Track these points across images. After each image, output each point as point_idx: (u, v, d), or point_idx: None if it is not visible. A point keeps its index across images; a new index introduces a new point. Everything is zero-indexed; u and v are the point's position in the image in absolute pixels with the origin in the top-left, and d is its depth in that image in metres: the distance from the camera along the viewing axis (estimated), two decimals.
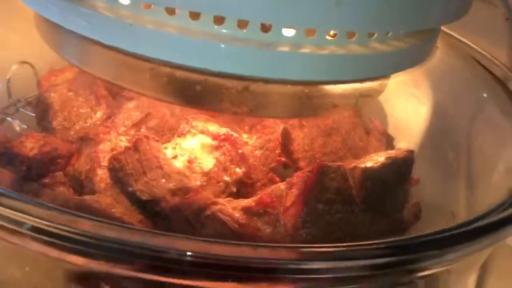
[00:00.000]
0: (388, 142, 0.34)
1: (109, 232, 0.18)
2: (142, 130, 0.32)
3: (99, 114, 0.35)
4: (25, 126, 0.35)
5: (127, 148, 0.27)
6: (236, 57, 0.21)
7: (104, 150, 0.30)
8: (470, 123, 0.38)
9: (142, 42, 0.21)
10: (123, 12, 0.21)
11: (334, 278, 0.18)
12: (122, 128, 0.32)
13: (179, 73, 0.21)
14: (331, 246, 0.18)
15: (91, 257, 0.18)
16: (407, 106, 0.38)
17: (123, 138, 0.31)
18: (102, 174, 0.29)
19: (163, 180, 0.26)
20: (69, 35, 0.24)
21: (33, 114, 0.37)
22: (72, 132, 0.34)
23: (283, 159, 0.32)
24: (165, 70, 0.21)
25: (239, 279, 0.18)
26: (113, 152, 0.28)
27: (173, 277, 0.18)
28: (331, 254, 0.18)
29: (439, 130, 0.39)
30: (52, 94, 0.35)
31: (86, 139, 0.32)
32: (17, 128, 0.34)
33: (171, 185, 0.26)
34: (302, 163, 0.32)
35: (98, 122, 0.35)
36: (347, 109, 0.26)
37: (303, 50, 0.21)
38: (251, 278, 0.18)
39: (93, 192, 0.28)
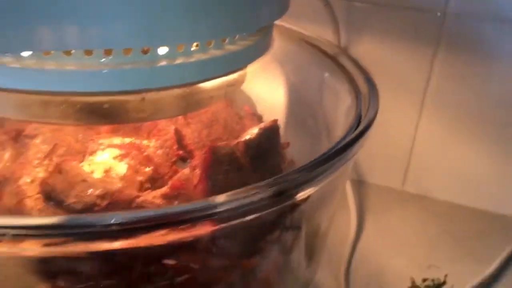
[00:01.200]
0: (259, 120, 0.43)
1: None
2: (54, 159, 0.37)
3: (6, 156, 0.39)
4: None
5: (51, 172, 0.32)
6: (129, 77, 0.27)
7: (26, 183, 0.34)
8: (316, 93, 0.48)
9: (49, 81, 0.26)
10: (27, 61, 0.27)
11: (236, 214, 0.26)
12: (36, 161, 0.36)
13: (87, 99, 0.27)
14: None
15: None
16: (265, 89, 0.46)
17: (39, 169, 0.36)
18: (30, 203, 0.33)
19: (91, 190, 0.31)
20: None
21: None
22: None
23: (181, 152, 0.38)
24: (76, 99, 0.27)
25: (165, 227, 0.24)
26: (38, 180, 0.33)
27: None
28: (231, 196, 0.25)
29: (295, 102, 0.48)
30: None
31: (3, 180, 0.36)
32: None
33: (97, 192, 0.31)
34: (196, 153, 0.39)
35: (8, 164, 0.38)
36: (220, 99, 0.33)
37: (176, 62, 0.28)
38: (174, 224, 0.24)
39: None
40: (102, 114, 0.27)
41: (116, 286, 0.33)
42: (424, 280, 0.53)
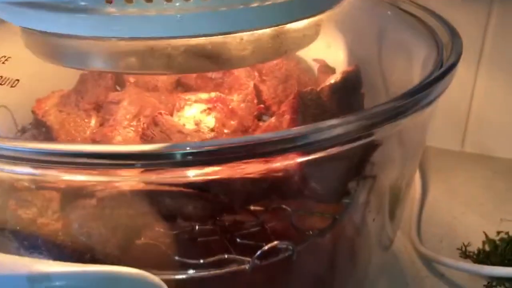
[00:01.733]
0: (332, 71, 0.43)
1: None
2: (142, 119, 0.38)
3: (93, 123, 0.40)
4: None
5: (148, 124, 0.33)
6: (225, 19, 0.28)
7: (119, 142, 0.36)
8: (379, 45, 0.48)
9: (153, 28, 0.27)
10: (130, 10, 0.28)
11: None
12: (125, 122, 0.38)
13: (190, 41, 0.28)
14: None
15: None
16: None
17: (129, 129, 0.37)
18: None
19: (188, 139, 0.32)
20: (70, 41, 0.30)
21: None
22: None
23: (262, 106, 0.39)
24: (179, 42, 0.28)
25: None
26: (128, 139, 0.34)
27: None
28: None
29: (359, 58, 0.48)
30: (49, 118, 0.39)
31: (95, 143, 0.38)
32: None
33: (195, 141, 0.32)
34: (274, 108, 0.40)
35: (94, 130, 0.40)
36: (313, 37, 0.34)
37: (267, 3, 0.29)
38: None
39: None
40: (206, 55, 0.28)
41: (212, 232, 0.34)
42: (498, 233, 0.53)
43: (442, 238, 0.54)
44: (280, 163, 0.27)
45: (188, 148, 0.23)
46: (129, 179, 0.25)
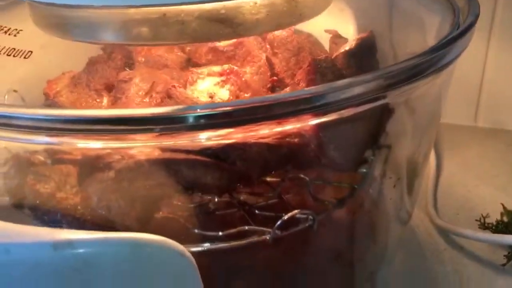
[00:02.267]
0: (344, 41, 0.42)
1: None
2: (154, 95, 0.38)
3: (105, 102, 0.40)
4: None
5: (162, 98, 0.33)
6: None
7: None
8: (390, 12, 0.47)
9: None
10: None
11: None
12: (138, 99, 0.37)
13: (203, 6, 0.27)
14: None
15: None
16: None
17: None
18: None
19: None
20: (78, 14, 0.29)
21: None
22: None
23: (275, 78, 0.39)
24: (192, 8, 0.27)
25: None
26: None
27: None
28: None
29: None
30: (61, 98, 0.39)
31: None
32: None
33: None
34: (287, 80, 0.40)
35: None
36: (326, 5, 0.33)
37: None
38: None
39: None
40: (221, 19, 0.28)
41: (230, 204, 0.33)
42: None
43: (459, 211, 0.54)
44: (295, 125, 0.26)
45: (198, 110, 0.23)
46: (144, 143, 0.24)
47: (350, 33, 0.48)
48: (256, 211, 0.33)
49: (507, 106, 0.68)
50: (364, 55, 0.34)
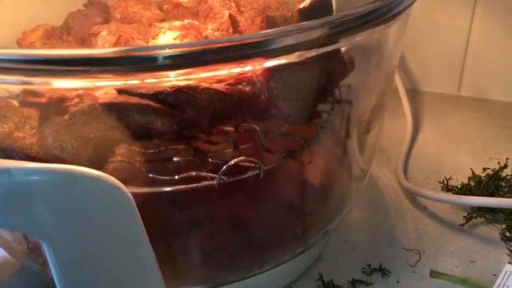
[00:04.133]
0: None
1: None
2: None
3: None
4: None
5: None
6: None
7: None
8: None
9: None
10: None
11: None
12: None
13: None
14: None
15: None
16: None
17: None
18: None
19: None
20: None
21: None
22: None
23: (237, 34, 0.40)
24: None
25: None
26: None
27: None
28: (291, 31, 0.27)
29: None
30: None
31: None
32: None
33: None
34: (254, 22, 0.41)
35: None
36: None
37: None
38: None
39: None
40: None
41: (184, 151, 0.35)
42: (485, 169, 0.53)
43: (429, 175, 0.55)
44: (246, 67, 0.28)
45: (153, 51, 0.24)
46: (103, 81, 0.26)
47: None
48: (209, 160, 0.35)
49: (491, 75, 0.68)
50: (317, 15, 0.35)
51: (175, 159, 0.35)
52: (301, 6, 0.35)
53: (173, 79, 0.27)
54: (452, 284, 0.40)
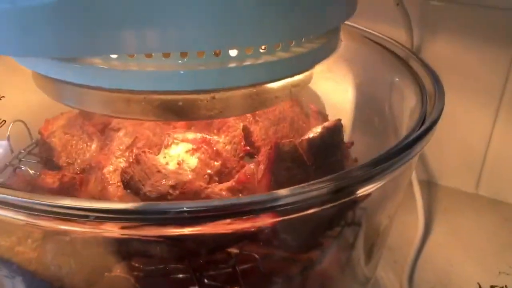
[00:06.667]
0: (324, 119, 0.44)
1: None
2: (134, 150, 0.40)
3: (93, 147, 0.43)
4: (35, 172, 0.42)
5: (131, 163, 0.35)
6: (201, 77, 0.29)
7: (110, 171, 0.38)
8: (384, 92, 0.48)
9: (132, 81, 0.29)
10: (114, 63, 0.30)
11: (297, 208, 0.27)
12: (118, 153, 0.40)
13: (164, 97, 0.30)
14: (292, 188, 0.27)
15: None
16: (332, 87, 0.47)
17: (121, 159, 0.40)
18: (112, 190, 0.37)
19: (164, 180, 0.34)
20: (68, 86, 0.32)
21: (35, 161, 0.45)
22: (76, 166, 0.42)
23: (248, 148, 0.40)
24: (154, 97, 0.30)
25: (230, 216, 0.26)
26: (119, 170, 0.36)
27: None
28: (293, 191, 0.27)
29: (363, 101, 0.49)
30: (53, 139, 0.42)
31: (90, 168, 0.40)
32: (31, 172, 0.41)
33: (170, 182, 0.34)
34: (263, 149, 0.41)
35: (94, 154, 0.43)
36: (285, 99, 0.35)
37: (245, 63, 0.30)
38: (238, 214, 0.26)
39: None
40: (177, 111, 0.30)
41: (183, 270, 0.35)
42: (492, 287, 0.52)
43: (435, 285, 0.54)
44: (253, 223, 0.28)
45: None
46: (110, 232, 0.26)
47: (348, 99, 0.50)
48: (206, 280, 0.35)
49: (510, 179, 0.67)
50: (327, 144, 0.35)
51: (170, 276, 0.35)
52: (311, 135, 0.36)
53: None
54: None
